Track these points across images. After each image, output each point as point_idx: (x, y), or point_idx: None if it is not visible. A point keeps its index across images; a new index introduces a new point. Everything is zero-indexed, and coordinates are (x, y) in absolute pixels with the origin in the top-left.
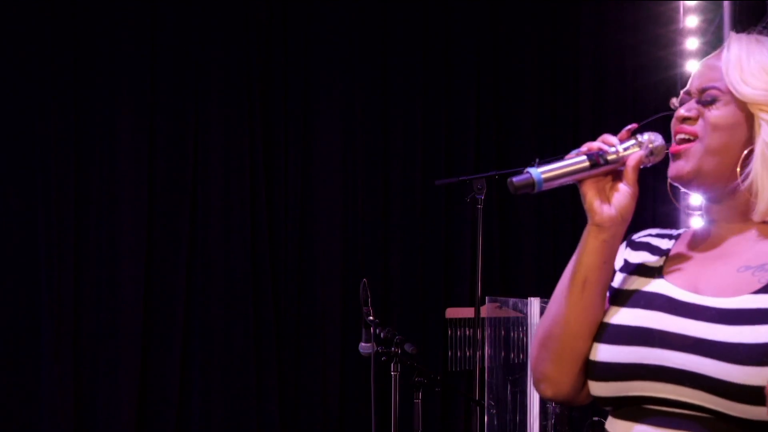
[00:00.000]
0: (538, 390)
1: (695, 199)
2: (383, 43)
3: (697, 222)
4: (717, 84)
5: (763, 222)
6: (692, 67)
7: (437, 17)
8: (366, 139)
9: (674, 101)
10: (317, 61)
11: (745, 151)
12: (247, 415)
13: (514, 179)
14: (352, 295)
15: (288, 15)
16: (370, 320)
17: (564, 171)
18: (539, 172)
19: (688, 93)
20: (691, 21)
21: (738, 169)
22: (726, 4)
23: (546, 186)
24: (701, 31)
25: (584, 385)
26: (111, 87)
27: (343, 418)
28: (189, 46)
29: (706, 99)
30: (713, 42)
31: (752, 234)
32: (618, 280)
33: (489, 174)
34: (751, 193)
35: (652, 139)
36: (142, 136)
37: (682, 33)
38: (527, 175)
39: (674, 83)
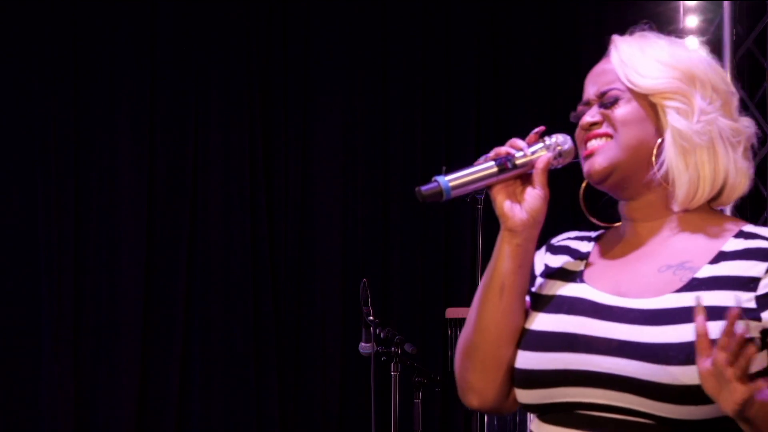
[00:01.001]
0: (464, 401)
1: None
2: (383, 43)
3: None
4: (615, 85)
5: (685, 211)
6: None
7: (437, 17)
8: (366, 140)
9: (573, 115)
10: (317, 62)
11: (659, 141)
12: (246, 414)
13: (422, 188)
14: (352, 295)
15: (287, 15)
16: (370, 320)
17: (472, 177)
18: (447, 180)
19: (586, 103)
20: (691, 21)
21: (653, 159)
22: (726, 4)
23: (455, 193)
24: (701, 31)
25: (510, 392)
26: (111, 88)
27: (343, 418)
28: (189, 47)
29: (608, 101)
30: (713, 42)
31: (670, 230)
32: (539, 285)
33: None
34: (668, 183)
35: (560, 141)
36: (142, 138)
37: (682, 33)
38: (434, 184)
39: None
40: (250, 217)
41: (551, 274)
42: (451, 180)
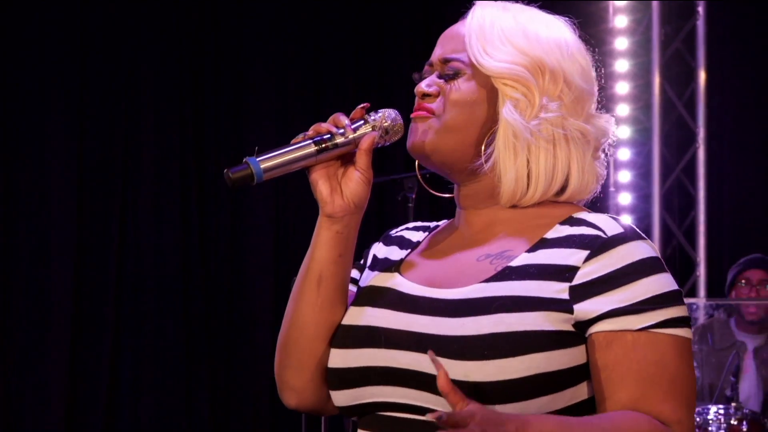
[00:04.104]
0: (282, 400)
1: (623, 176)
2: (316, 37)
3: (625, 198)
4: (460, 56)
5: (513, 207)
6: (621, 66)
7: (369, 13)
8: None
9: (416, 75)
10: (249, 59)
11: (490, 131)
12: (177, 412)
13: (231, 171)
14: (283, 292)
15: (219, 13)
16: None
17: (287, 158)
18: (258, 161)
19: (431, 64)
20: (621, 21)
21: (482, 148)
22: (654, 5)
23: (268, 176)
24: (630, 31)
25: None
26: (40, 86)
27: (274, 416)
28: (118, 44)
29: (448, 72)
30: (642, 42)
31: (501, 219)
32: (363, 278)
33: (421, 172)
34: (495, 176)
35: (386, 116)
36: (71, 136)
37: (611, 33)
38: (244, 166)
39: (603, 83)
40: (181, 214)
41: (374, 265)
42: (263, 161)
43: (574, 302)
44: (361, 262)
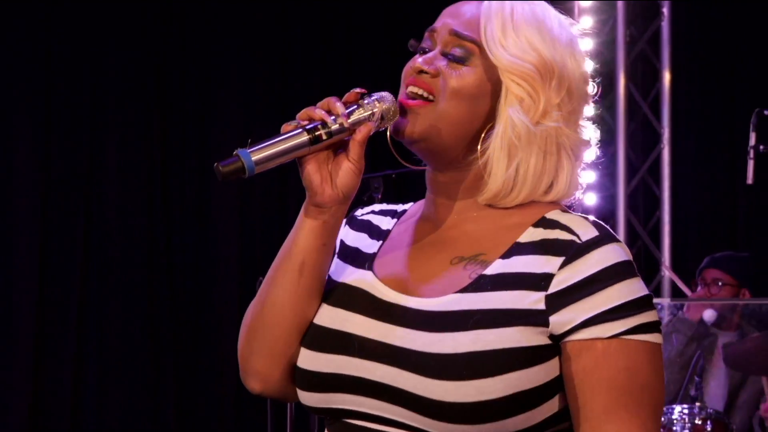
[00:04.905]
0: (245, 383)
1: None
2: (283, 41)
3: (590, 198)
4: (473, 35)
5: (487, 206)
6: (586, 67)
7: (337, 18)
8: (265, 137)
9: (413, 43)
10: (216, 59)
11: (486, 126)
12: (142, 415)
13: (221, 164)
14: (248, 295)
15: (184, 12)
16: None
17: (280, 149)
18: (249, 152)
19: (433, 31)
20: (586, 22)
21: (479, 145)
22: (619, 5)
23: (260, 169)
24: (595, 32)
25: None
26: (7, 87)
27: (239, 420)
28: (85, 45)
29: (455, 54)
30: (607, 43)
31: (473, 214)
32: (333, 267)
33: (385, 173)
34: (484, 171)
35: (384, 101)
36: (38, 137)
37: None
38: (235, 158)
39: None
40: (147, 217)
41: (345, 255)
42: (255, 153)
43: (550, 313)
44: None
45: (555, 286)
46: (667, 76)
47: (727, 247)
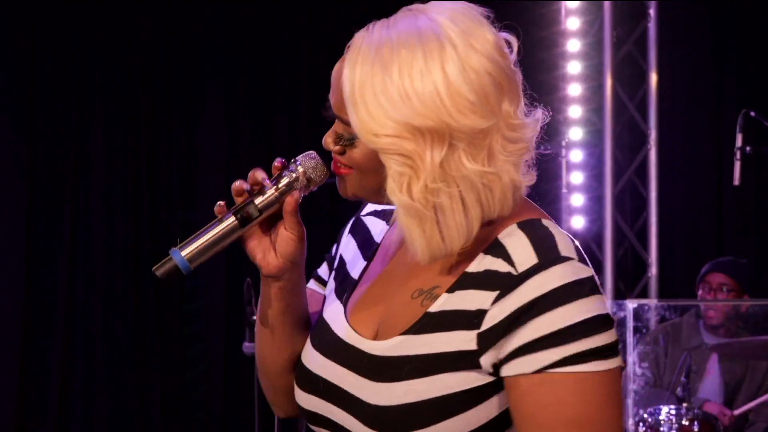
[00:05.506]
0: (273, 410)
1: (575, 177)
2: (267, 42)
3: (577, 200)
4: (346, 118)
5: None
6: (573, 68)
7: (320, 16)
8: (250, 137)
9: (324, 112)
10: (201, 59)
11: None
12: (128, 415)
13: (158, 270)
14: (235, 295)
15: (170, 13)
16: (254, 320)
17: (212, 240)
18: (182, 254)
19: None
20: (573, 23)
21: None
22: (606, 6)
23: (196, 264)
24: (582, 33)
25: None
26: None
27: (226, 417)
28: (69, 44)
29: (344, 137)
30: (594, 44)
31: None
32: (328, 287)
33: None
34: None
35: (308, 167)
36: (21, 136)
37: (563, 35)
38: (168, 260)
39: (556, 85)
40: (133, 215)
41: (338, 272)
42: (187, 250)
43: (481, 353)
44: (333, 252)
45: (486, 323)
46: (653, 78)
47: (714, 248)
